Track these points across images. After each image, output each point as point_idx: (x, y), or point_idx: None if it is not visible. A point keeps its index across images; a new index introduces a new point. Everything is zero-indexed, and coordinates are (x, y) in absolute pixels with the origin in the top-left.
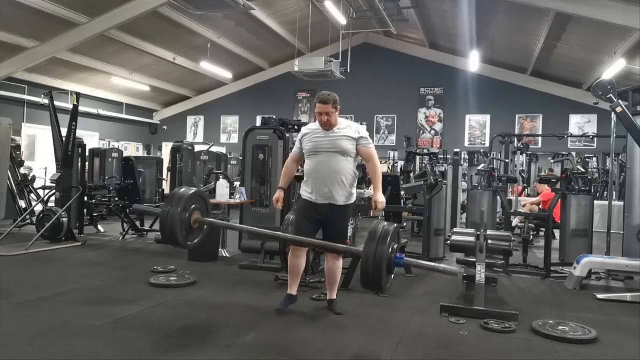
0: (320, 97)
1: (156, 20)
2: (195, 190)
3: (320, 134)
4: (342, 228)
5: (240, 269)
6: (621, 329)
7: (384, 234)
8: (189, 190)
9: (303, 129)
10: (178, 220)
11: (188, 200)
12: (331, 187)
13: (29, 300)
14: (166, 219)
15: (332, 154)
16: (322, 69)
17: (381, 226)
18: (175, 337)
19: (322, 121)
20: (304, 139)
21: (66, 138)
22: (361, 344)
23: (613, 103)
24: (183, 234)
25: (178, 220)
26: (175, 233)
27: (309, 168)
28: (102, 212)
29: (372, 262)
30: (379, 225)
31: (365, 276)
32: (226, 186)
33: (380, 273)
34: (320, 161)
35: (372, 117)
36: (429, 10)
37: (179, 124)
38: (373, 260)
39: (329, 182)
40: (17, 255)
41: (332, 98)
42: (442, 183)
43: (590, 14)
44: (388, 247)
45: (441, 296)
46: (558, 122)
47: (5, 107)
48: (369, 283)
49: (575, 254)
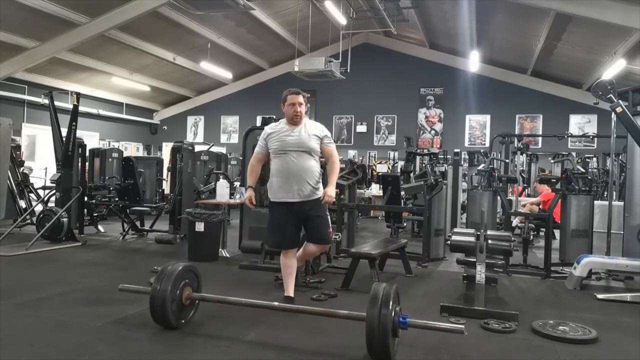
0: (291, 90)
1: (156, 20)
2: (184, 265)
3: (286, 133)
4: (321, 220)
5: (240, 269)
6: (621, 329)
7: (385, 297)
8: (178, 266)
9: (267, 128)
10: (169, 298)
11: (178, 277)
12: (300, 185)
13: (29, 300)
14: (156, 296)
15: (300, 152)
16: (322, 69)
17: (381, 288)
18: (175, 337)
19: (295, 111)
20: (269, 137)
21: (66, 138)
22: (361, 344)
23: (613, 103)
24: (174, 311)
25: (169, 298)
26: (167, 312)
27: (277, 167)
28: (102, 212)
29: (377, 328)
30: (379, 287)
31: (371, 341)
32: (226, 186)
33: (387, 337)
34: (289, 159)
35: (372, 117)
36: (429, 10)
37: (179, 124)
38: (378, 325)
39: (298, 180)
40: (17, 255)
41: (302, 91)
42: (442, 183)
43: (590, 14)
44: (391, 310)
45: (441, 296)
46: (558, 122)
47: (5, 107)
48: (375, 349)
49: (575, 254)
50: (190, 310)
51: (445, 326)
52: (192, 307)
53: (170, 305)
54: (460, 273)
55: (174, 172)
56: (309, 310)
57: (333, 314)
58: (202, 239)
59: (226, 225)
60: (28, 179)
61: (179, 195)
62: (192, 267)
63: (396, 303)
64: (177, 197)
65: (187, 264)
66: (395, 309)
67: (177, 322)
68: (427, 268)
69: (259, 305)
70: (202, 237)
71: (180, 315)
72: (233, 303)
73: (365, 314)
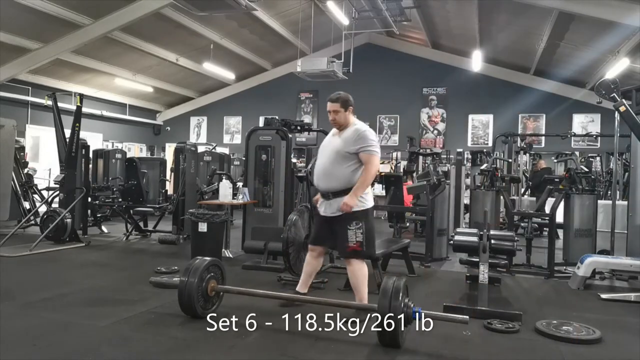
0: (330, 96)
1: (159, 22)
2: (211, 259)
3: (329, 137)
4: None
5: (243, 269)
6: (625, 329)
7: (395, 289)
8: (204, 261)
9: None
10: (195, 290)
11: (204, 270)
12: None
13: (32, 301)
14: (184, 289)
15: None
16: (324, 70)
17: (392, 281)
18: (178, 338)
19: (330, 119)
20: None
21: (70, 139)
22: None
23: (616, 102)
24: (200, 303)
25: (195, 290)
26: (193, 303)
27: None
28: (105, 213)
29: (386, 317)
30: (390, 280)
31: (382, 330)
32: (229, 187)
33: (397, 327)
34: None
35: (375, 117)
36: (431, 10)
37: (182, 125)
38: (388, 315)
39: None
40: (21, 256)
41: (341, 98)
42: (445, 183)
43: (593, 12)
44: (400, 302)
45: (444, 296)
46: (561, 122)
47: (9, 108)
48: (385, 337)
49: (579, 253)
50: (215, 302)
51: (450, 316)
52: (216, 298)
53: (197, 295)
54: (463, 273)
55: (177, 173)
56: (322, 302)
57: (345, 304)
58: (205, 239)
59: (229, 226)
60: (32, 180)
61: (182, 195)
62: (217, 261)
63: (405, 295)
64: (180, 198)
65: (212, 259)
66: (404, 301)
67: (202, 312)
68: (430, 268)
69: (276, 296)
70: (205, 238)
71: (205, 305)
72: (253, 294)
73: (377, 304)
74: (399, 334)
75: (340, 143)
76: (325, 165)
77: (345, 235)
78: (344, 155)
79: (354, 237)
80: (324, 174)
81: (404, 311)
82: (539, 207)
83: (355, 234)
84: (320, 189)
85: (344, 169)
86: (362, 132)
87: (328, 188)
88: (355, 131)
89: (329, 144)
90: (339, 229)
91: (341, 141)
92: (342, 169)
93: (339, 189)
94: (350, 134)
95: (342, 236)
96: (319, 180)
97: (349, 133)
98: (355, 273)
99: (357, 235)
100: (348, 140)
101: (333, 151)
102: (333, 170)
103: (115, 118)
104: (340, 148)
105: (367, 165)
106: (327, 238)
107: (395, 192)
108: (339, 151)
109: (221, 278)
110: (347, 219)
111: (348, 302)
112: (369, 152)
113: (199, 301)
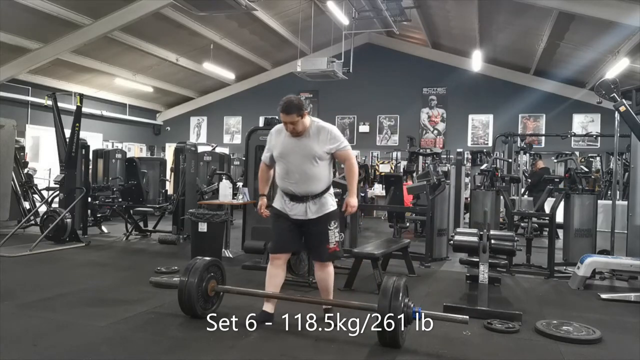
0: (282, 106)
1: (159, 22)
2: (211, 259)
3: (287, 139)
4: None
5: (243, 269)
6: (625, 329)
7: (395, 289)
8: (204, 261)
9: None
10: (195, 290)
11: (204, 270)
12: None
13: (32, 301)
14: (184, 289)
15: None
16: (324, 69)
17: (392, 281)
18: (178, 338)
19: (288, 130)
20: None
21: (70, 139)
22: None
23: (616, 102)
24: (200, 303)
25: (195, 290)
26: (193, 303)
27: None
28: (105, 213)
29: (387, 317)
30: (390, 280)
31: (382, 330)
32: (229, 187)
33: (397, 327)
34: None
35: (375, 117)
36: (431, 10)
37: (182, 125)
38: (388, 315)
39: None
40: (21, 256)
41: (294, 106)
42: (445, 183)
43: (593, 12)
44: (401, 302)
45: (444, 296)
46: (561, 122)
47: (9, 108)
48: (385, 337)
49: (579, 253)
50: (215, 302)
51: (450, 316)
52: (216, 298)
53: (197, 295)
54: (463, 273)
55: (177, 173)
56: (323, 301)
57: (346, 304)
58: (205, 239)
59: (229, 226)
60: (32, 180)
61: (182, 195)
62: (217, 261)
63: (405, 295)
64: (180, 198)
65: (212, 259)
66: (404, 301)
67: (202, 312)
68: (430, 268)
69: (276, 296)
70: (205, 238)
71: (205, 305)
72: (253, 294)
73: (377, 304)
74: (399, 334)
75: (312, 145)
76: (303, 169)
77: (326, 237)
78: (321, 157)
79: (333, 237)
80: (302, 179)
81: (404, 311)
82: (539, 207)
83: (334, 234)
84: (297, 193)
85: (322, 170)
86: (331, 131)
87: (308, 192)
88: (325, 131)
89: (295, 146)
90: (318, 231)
91: (312, 143)
92: (321, 171)
93: (321, 190)
94: (321, 135)
95: (322, 238)
96: (297, 186)
97: (319, 134)
98: (330, 275)
99: (335, 235)
100: (322, 141)
101: (307, 155)
102: (314, 174)
103: (115, 118)
104: (316, 150)
105: (349, 161)
106: (293, 243)
107: (395, 192)
108: (315, 154)
109: (221, 278)
110: (327, 219)
111: (348, 302)
112: (345, 148)
113: (199, 301)
